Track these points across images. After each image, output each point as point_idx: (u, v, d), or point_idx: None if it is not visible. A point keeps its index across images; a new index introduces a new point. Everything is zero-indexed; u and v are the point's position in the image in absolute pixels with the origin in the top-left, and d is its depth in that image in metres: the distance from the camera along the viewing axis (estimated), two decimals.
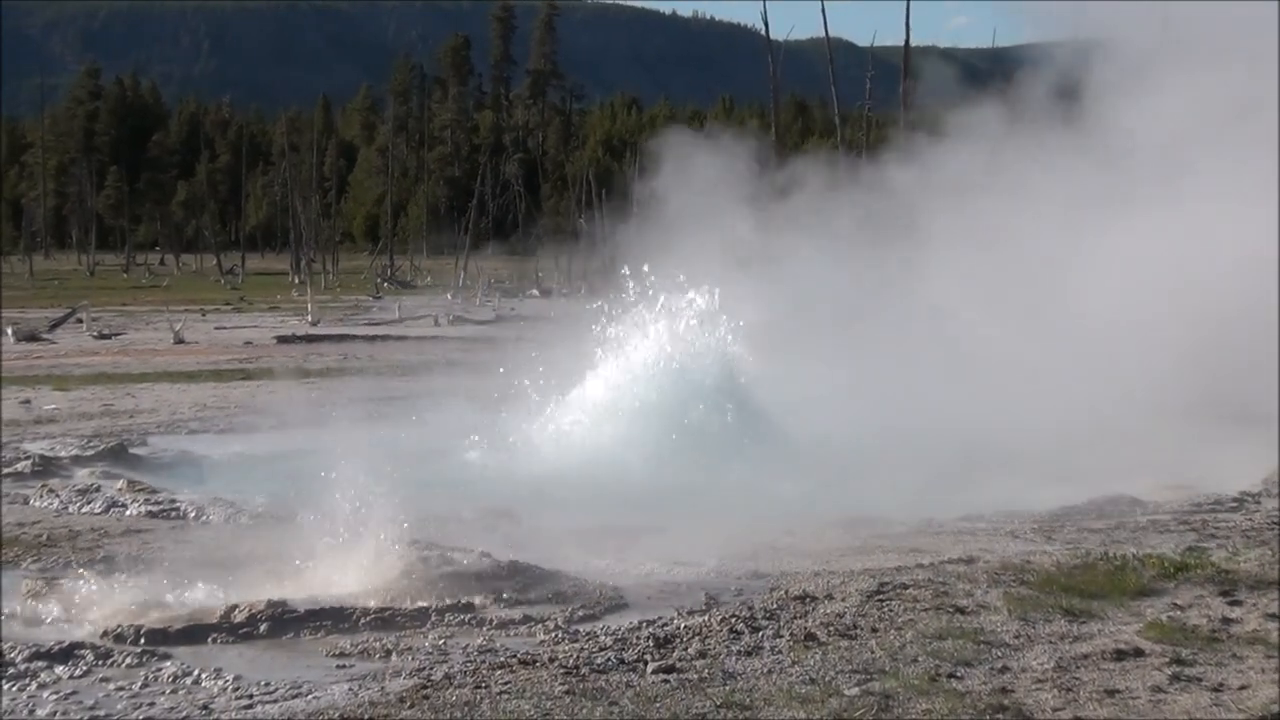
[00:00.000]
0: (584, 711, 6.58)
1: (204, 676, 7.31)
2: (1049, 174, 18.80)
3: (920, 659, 7.33)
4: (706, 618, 8.37)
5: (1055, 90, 19.27)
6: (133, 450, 15.71)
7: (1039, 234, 18.38)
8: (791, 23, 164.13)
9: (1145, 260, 17.17)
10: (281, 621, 8.27)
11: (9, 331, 34.33)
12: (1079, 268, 18.18)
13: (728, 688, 6.90)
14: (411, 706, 6.70)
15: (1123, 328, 16.70)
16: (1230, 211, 16.79)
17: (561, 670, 7.24)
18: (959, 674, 7.09)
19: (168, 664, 7.54)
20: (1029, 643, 7.67)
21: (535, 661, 7.45)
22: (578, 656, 7.52)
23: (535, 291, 62.73)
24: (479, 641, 8.00)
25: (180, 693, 7.11)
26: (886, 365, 17.37)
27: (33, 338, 34.46)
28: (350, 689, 7.08)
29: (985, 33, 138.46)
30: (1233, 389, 15.67)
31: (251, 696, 7.02)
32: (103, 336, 35.66)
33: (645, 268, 16.19)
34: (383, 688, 7.07)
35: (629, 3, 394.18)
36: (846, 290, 19.70)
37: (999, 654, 7.45)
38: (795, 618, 8.28)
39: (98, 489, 13.21)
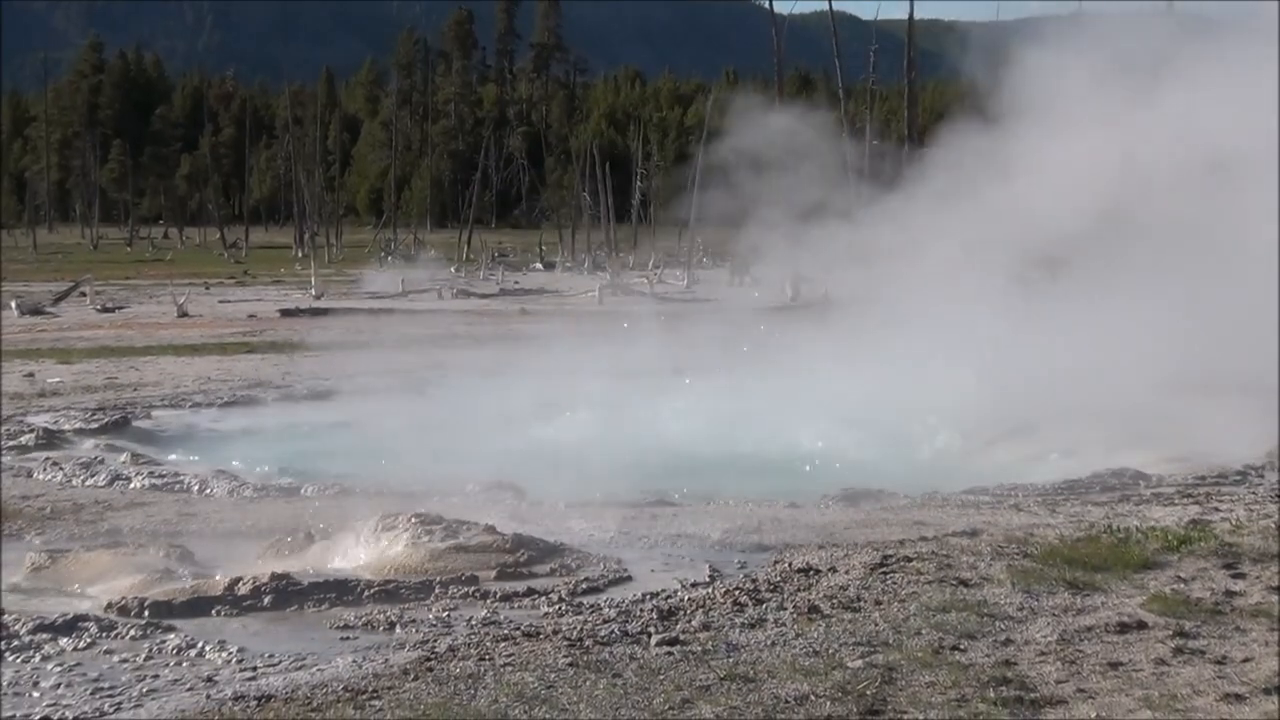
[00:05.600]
0: (587, 683, 6.58)
1: (208, 649, 7.32)
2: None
3: (923, 631, 7.33)
4: (710, 590, 8.37)
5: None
6: (136, 423, 15.75)
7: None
8: None
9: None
10: (285, 594, 8.28)
11: (13, 304, 34.35)
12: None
13: (731, 660, 6.90)
14: (415, 679, 6.70)
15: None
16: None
17: (565, 642, 7.24)
18: (962, 646, 7.08)
19: (171, 636, 7.54)
20: (1032, 615, 7.66)
21: (539, 634, 7.45)
22: (581, 629, 7.52)
23: (539, 265, 62.73)
24: (483, 614, 8.00)
25: (184, 665, 7.12)
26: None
27: (36, 311, 34.48)
28: (354, 661, 7.08)
29: (990, 6, 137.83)
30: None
31: (255, 668, 7.02)
32: (106, 310, 35.66)
33: None
34: (386, 660, 7.08)
35: None
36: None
37: (1002, 626, 7.44)
38: (799, 590, 8.28)
39: (101, 462, 13.23)
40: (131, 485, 12.26)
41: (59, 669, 7.05)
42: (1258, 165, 14.94)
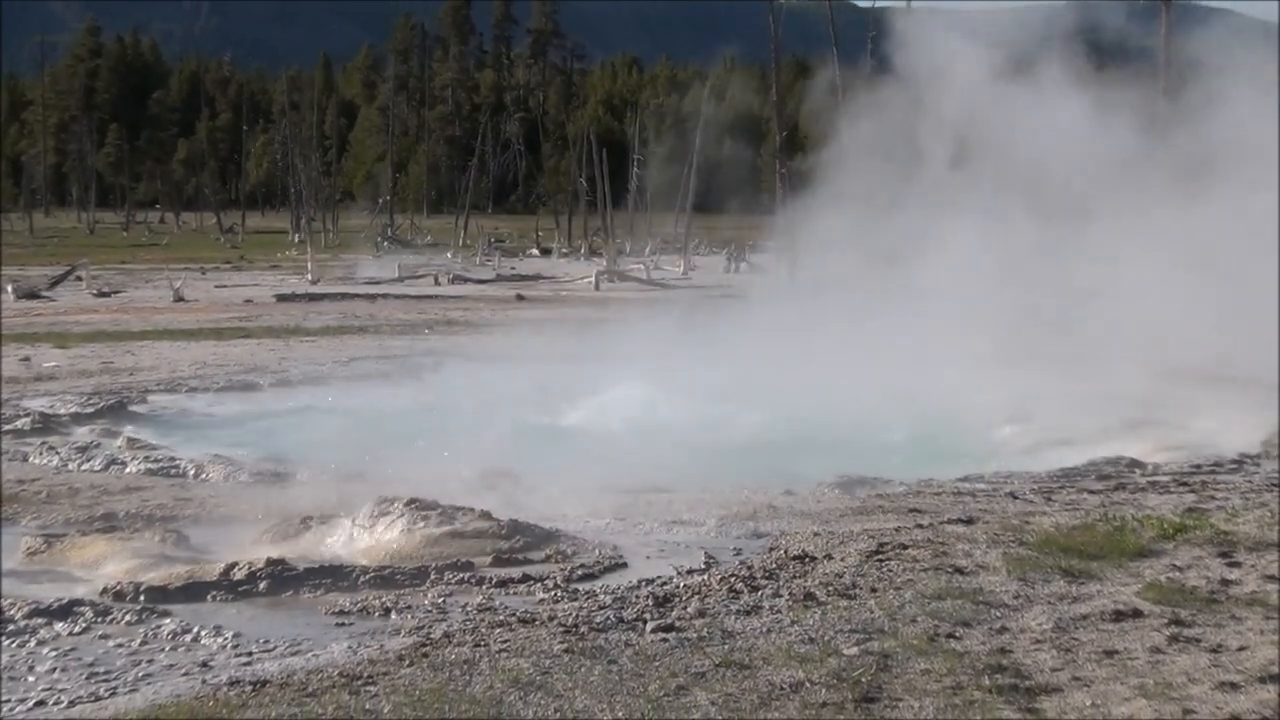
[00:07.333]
0: (583, 670, 6.58)
1: (203, 634, 7.32)
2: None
3: (919, 619, 7.33)
4: (706, 577, 8.37)
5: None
6: (132, 408, 15.72)
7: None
8: None
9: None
10: (281, 579, 8.27)
11: (9, 289, 34.32)
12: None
13: (727, 647, 6.90)
14: (411, 664, 6.70)
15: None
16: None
17: (561, 629, 7.24)
18: (958, 634, 7.08)
19: (167, 621, 7.54)
20: (1028, 603, 7.66)
21: (534, 620, 7.45)
22: (577, 615, 7.52)
23: (535, 251, 62.75)
24: (478, 600, 8.00)
25: (179, 650, 7.11)
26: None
27: (33, 295, 34.44)
28: (349, 647, 7.08)
29: None
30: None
31: (251, 654, 7.02)
32: (102, 294, 35.62)
33: None
34: (382, 646, 7.07)
35: None
36: None
37: (998, 614, 7.44)
38: (794, 577, 8.28)
39: (97, 446, 13.21)
40: (127, 470, 12.25)
41: (55, 653, 7.04)
42: None
